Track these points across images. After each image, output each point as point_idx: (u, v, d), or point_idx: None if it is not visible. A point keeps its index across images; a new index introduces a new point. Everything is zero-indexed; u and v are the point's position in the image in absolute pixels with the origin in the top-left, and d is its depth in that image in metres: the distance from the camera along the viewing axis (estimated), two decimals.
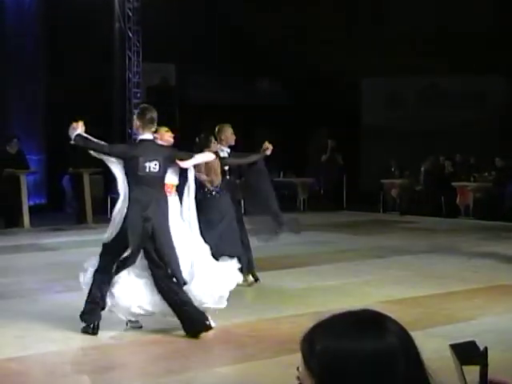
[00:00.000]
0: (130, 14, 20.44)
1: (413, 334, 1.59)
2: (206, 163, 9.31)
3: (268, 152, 10.11)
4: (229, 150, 10.17)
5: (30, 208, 16.98)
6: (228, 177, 10.05)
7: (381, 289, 9.87)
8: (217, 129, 10.31)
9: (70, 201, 18.06)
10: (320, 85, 23.75)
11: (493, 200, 18.80)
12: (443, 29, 24.02)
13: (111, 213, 7.84)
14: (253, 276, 10.22)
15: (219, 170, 9.75)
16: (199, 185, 9.14)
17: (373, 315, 1.56)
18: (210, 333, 7.61)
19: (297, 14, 23.99)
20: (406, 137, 22.44)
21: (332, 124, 22.51)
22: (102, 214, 18.22)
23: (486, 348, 1.69)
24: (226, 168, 9.99)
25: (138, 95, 20.91)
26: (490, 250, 13.56)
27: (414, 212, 19.60)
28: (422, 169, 20.38)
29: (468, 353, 1.62)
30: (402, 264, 12.00)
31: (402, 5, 24.46)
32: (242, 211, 10.74)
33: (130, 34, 20.53)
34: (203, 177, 9.64)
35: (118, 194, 7.81)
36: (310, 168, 21.52)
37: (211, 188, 9.75)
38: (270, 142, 10.17)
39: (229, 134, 10.22)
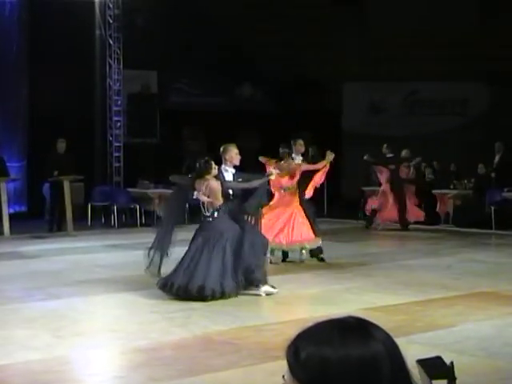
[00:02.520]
0: (111, 21, 20.41)
1: (396, 340, 1.60)
2: (211, 187, 9.67)
3: (272, 177, 10.24)
4: (233, 171, 10.22)
5: (10, 216, 16.88)
6: (231, 200, 10.06)
7: (363, 296, 9.90)
8: (222, 149, 10.36)
9: (49, 208, 17.98)
10: (302, 91, 23.83)
11: (473, 207, 18.89)
12: (425, 35, 24.18)
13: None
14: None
15: (220, 194, 9.79)
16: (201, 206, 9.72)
17: (357, 322, 1.57)
18: (192, 340, 7.61)
19: (281, 21, 24.07)
20: (387, 143, 22.49)
21: (314, 130, 22.54)
22: (83, 221, 18.20)
23: (452, 362, 1.71)
24: (230, 192, 10.01)
25: (119, 102, 20.88)
26: (470, 257, 13.63)
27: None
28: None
29: (436, 367, 1.64)
30: (384, 271, 12.03)
31: (385, 11, 24.60)
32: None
33: (111, 41, 20.50)
34: (204, 198, 9.68)
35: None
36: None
37: (211, 210, 9.85)
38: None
39: (233, 154, 10.24)
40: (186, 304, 9.40)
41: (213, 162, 9.94)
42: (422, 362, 1.71)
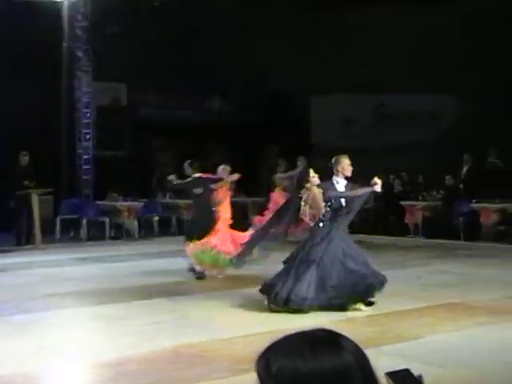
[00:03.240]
0: (79, 33, 20.33)
1: (365, 352, 1.61)
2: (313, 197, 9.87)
3: (378, 188, 10.21)
4: (345, 182, 10.30)
5: None
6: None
7: (332, 308, 9.90)
8: (334, 160, 10.44)
9: (16, 222, 17.82)
10: (271, 104, 23.89)
11: (441, 218, 19.04)
12: (394, 48, 24.37)
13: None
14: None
15: (321, 203, 9.91)
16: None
17: (328, 334, 1.57)
18: (161, 353, 7.57)
19: (247, 33, 24.13)
20: (355, 155, 22.58)
21: (283, 143, 22.62)
22: (51, 234, 18.06)
23: (420, 375, 1.72)
24: (337, 201, 10.12)
25: (88, 115, 20.79)
26: (439, 268, 13.71)
27: (364, 231, 19.73)
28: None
29: (404, 380, 1.65)
30: None
31: (354, 24, 24.76)
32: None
33: (80, 54, 20.42)
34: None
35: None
36: (262, 187, 21.51)
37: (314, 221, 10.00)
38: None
39: (345, 165, 10.32)
40: (155, 317, 9.37)
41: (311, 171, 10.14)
42: (390, 375, 1.71)
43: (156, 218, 19.97)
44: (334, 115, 24.05)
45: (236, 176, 13.24)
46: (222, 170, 13.21)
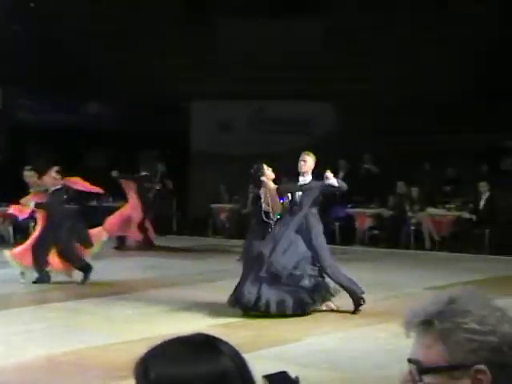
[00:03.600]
0: None
1: (244, 356, 1.61)
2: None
3: (329, 181, 10.90)
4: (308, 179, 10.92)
5: None
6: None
7: (211, 312, 9.92)
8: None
9: None
10: (150, 109, 23.74)
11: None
12: (272, 55, 24.70)
13: None
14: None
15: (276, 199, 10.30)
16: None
17: (206, 339, 1.57)
18: (34, 363, 7.39)
19: (129, 40, 23.94)
20: (235, 161, 22.75)
21: (162, 148, 22.50)
22: None
23: (297, 377, 1.75)
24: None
25: None
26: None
27: (242, 236, 19.86)
28: (251, 193, 20.71)
29: (281, 382, 1.67)
30: (231, 287, 12.10)
31: (233, 31, 24.95)
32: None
33: None
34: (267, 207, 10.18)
35: None
36: (141, 193, 21.31)
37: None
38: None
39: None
40: (22, 326, 9.12)
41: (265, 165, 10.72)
42: (268, 377, 1.73)
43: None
44: (212, 121, 24.10)
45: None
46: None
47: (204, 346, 1.54)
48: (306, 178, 10.55)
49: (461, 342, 1.56)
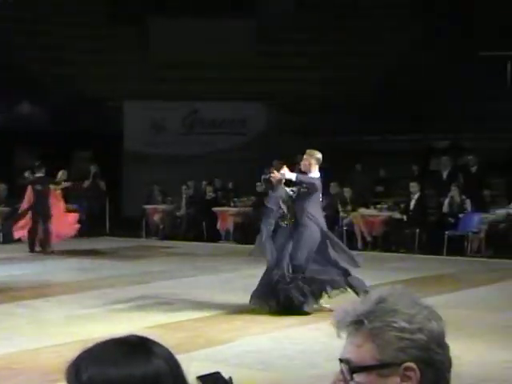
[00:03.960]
0: None
1: (177, 357, 1.62)
2: None
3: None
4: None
5: None
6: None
7: (145, 314, 9.87)
8: None
9: None
10: (83, 109, 23.48)
11: (252, 224, 19.41)
12: (206, 55, 24.66)
13: None
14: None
15: None
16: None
17: (139, 340, 1.57)
18: None
19: (62, 39, 23.67)
20: (169, 162, 22.68)
21: (95, 149, 22.30)
22: None
23: (230, 378, 1.77)
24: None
25: None
26: (249, 273, 13.96)
27: (176, 237, 19.84)
28: (184, 194, 20.68)
29: (215, 382, 1.68)
30: (166, 289, 12.07)
31: (166, 32, 24.84)
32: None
33: None
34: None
35: None
36: (73, 194, 21.10)
37: None
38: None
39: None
40: None
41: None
42: (201, 378, 1.74)
43: None
44: (145, 122, 23.95)
45: None
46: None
47: (137, 347, 1.54)
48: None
49: (390, 341, 1.60)
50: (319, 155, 10.59)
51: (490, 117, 22.71)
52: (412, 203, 17.31)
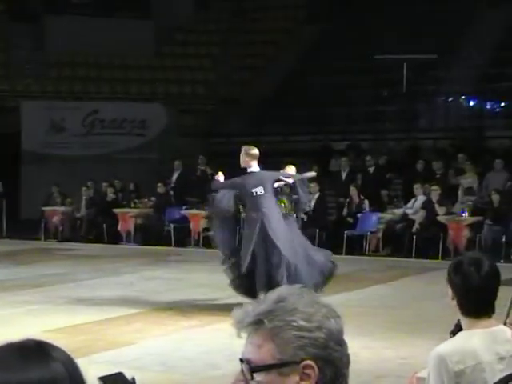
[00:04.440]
0: None
1: (77, 361, 1.60)
2: None
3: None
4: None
5: None
6: None
7: (44, 318, 9.70)
8: None
9: None
10: None
11: (153, 225, 19.32)
12: (107, 57, 24.43)
13: None
14: None
15: None
16: None
17: (36, 344, 1.54)
18: None
19: None
20: (68, 163, 22.32)
21: None
22: None
23: (133, 378, 1.76)
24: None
25: None
26: (150, 274, 13.91)
27: (76, 239, 19.54)
28: (84, 196, 20.39)
29: (117, 382, 1.68)
30: (66, 292, 11.89)
31: (65, 32, 24.49)
32: None
33: None
34: None
35: None
36: None
37: None
38: None
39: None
40: None
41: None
42: (103, 379, 1.72)
43: None
44: (44, 122, 23.48)
45: None
46: None
47: (34, 351, 1.52)
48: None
49: (289, 339, 1.62)
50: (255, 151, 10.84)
51: (387, 118, 23.27)
52: (312, 203, 17.53)
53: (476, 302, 3.28)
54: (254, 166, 10.60)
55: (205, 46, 27.10)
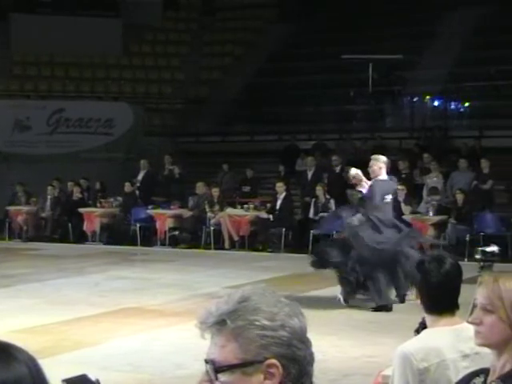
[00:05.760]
0: None
1: (42, 361, 1.60)
2: None
3: None
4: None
5: None
6: None
7: (9, 319, 9.61)
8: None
9: None
10: None
11: (119, 225, 19.24)
12: (73, 56, 24.29)
13: None
14: None
15: None
16: None
17: (0, 345, 1.54)
18: None
19: None
20: (33, 162, 22.10)
21: None
22: None
23: (97, 380, 1.76)
24: None
25: None
26: (116, 274, 13.85)
27: (41, 239, 19.39)
28: (49, 195, 20.24)
29: None
30: (31, 292, 11.80)
31: (30, 30, 24.31)
32: None
33: None
34: None
35: None
36: None
37: None
38: None
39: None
40: None
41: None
42: (67, 381, 1.71)
43: None
44: (8, 121, 23.22)
45: None
46: None
47: None
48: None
49: (253, 339, 1.63)
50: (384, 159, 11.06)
51: (354, 118, 23.39)
52: (278, 203, 17.56)
53: (438, 300, 3.31)
54: (384, 174, 10.87)
55: (174, 45, 27.02)
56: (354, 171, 11.13)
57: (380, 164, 10.82)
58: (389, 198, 10.83)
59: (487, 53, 22.11)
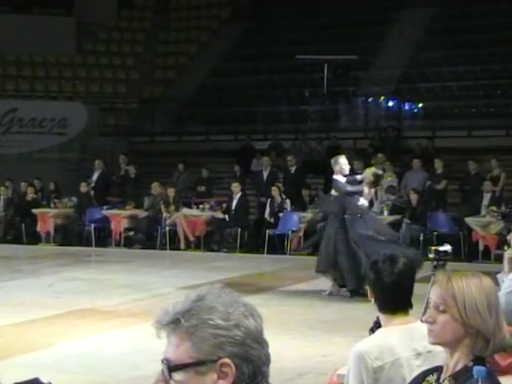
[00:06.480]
0: None
1: None
2: None
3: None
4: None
5: None
6: None
7: None
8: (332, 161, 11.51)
9: None
10: None
11: (74, 225, 19.07)
12: (25, 53, 24.04)
13: None
14: None
15: None
16: None
17: None
18: None
19: None
20: None
21: None
22: None
23: (50, 383, 1.74)
24: None
25: None
26: (70, 275, 13.72)
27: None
28: (2, 196, 19.99)
29: None
30: None
31: None
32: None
33: None
34: None
35: None
36: None
37: None
38: None
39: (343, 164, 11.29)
40: None
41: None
42: None
43: None
44: None
45: None
46: None
47: None
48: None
49: (206, 338, 1.63)
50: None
51: (309, 118, 23.49)
52: (234, 203, 17.56)
53: (391, 299, 3.34)
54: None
55: (128, 44, 26.88)
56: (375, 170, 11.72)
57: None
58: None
59: (439, 53, 22.39)
